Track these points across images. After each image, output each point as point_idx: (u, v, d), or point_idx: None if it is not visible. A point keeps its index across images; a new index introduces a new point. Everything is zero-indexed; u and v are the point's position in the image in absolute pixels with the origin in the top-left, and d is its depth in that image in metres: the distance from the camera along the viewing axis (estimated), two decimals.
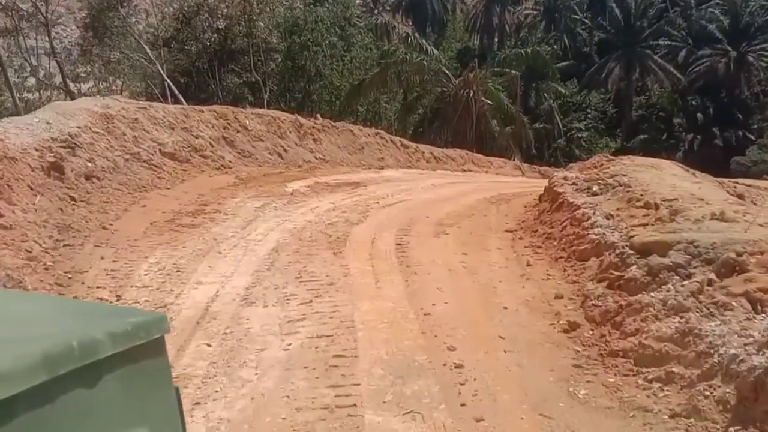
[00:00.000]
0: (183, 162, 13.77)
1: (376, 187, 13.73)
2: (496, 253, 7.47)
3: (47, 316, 1.57)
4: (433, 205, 11.78)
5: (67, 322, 1.52)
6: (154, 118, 14.08)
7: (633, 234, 6.11)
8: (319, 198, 11.98)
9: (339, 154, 17.24)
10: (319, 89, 23.34)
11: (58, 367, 1.28)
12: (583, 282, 5.77)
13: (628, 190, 7.67)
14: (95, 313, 1.71)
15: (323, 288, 5.91)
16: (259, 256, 7.22)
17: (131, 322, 1.48)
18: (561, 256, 6.70)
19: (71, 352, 1.31)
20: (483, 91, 22.18)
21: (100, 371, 1.38)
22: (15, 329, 1.43)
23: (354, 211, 10.68)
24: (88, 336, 1.37)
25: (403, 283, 6.06)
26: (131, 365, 1.46)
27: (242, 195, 11.93)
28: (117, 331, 1.43)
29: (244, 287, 6.00)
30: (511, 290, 5.85)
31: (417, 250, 7.45)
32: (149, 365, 1.52)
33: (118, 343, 1.42)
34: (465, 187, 14.84)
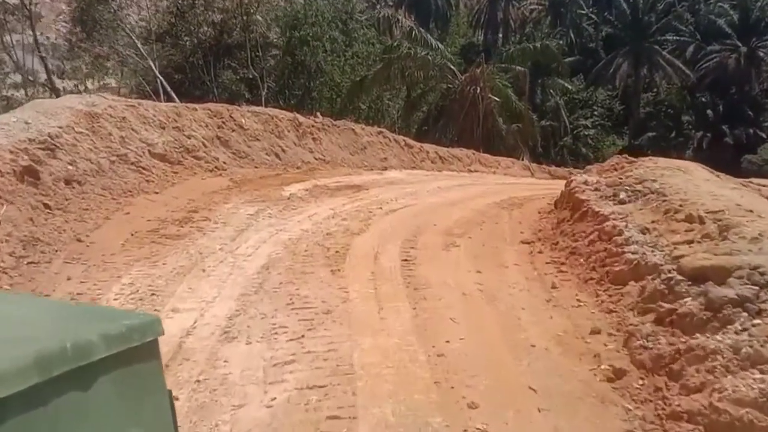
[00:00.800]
0: (174, 164, 12.91)
1: (379, 191, 12.85)
2: (514, 271, 6.59)
3: (41, 318, 1.57)
4: (441, 211, 10.90)
5: (61, 324, 1.52)
6: (144, 117, 13.22)
7: (678, 254, 5.22)
8: (318, 203, 11.11)
9: (340, 155, 16.36)
10: (319, 86, 22.38)
11: (52, 368, 1.27)
12: (623, 312, 4.89)
13: (663, 199, 6.78)
14: (89, 315, 1.70)
15: (318, 318, 5.04)
16: (247, 275, 6.35)
17: (125, 325, 1.48)
18: (591, 278, 5.82)
19: (65, 353, 1.31)
20: (490, 87, 21.24)
21: (94, 373, 1.38)
22: (8, 331, 1.42)
23: (355, 219, 9.81)
24: (82, 338, 1.37)
25: (411, 311, 5.18)
26: (125, 368, 1.46)
27: (235, 200, 11.07)
28: (111, 334, 1.42)
29: (226, 316, 5.14)
30: (537, 321, 4.97)
31: (425, 268, 6.57)
32: (143, 368, 1.52)
33: (112, 345, 1.41)
34: (473, 190, 13.95)
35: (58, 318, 1.60)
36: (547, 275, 6.27)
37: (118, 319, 1.51)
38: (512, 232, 9.29)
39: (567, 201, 9.23)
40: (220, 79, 20.18)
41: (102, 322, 1.51)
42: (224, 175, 13.42)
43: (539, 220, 10.40)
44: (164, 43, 20.12)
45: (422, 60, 20.85)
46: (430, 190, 13.47)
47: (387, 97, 23.73)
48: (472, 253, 7.55)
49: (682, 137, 39.38)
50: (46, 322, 1.54)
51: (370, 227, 9.12)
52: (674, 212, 6.25)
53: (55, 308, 1.82)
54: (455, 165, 18.22)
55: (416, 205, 11.53)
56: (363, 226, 9.14)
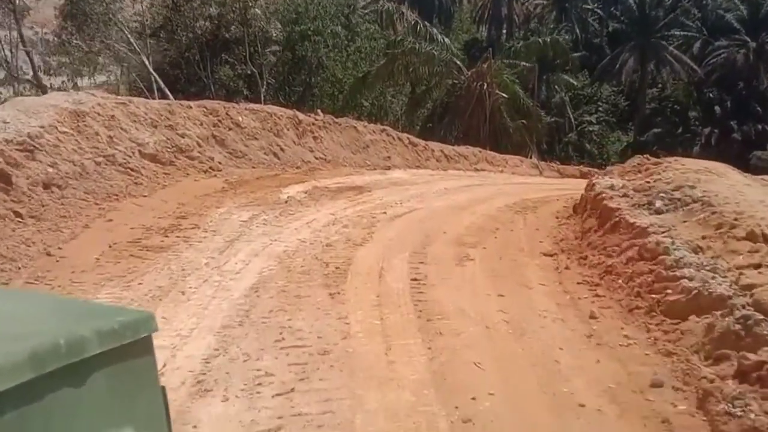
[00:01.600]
0: (166, 164, 11.96)
1: (383, 193, 11.88)
2: (541, 293, 5.62)
3: (35, 314, 1.56)
4: (450, 216, 9.94)
5: (55, 320, 1.52)
6: (135, 115, 12.26)
7: (748, 282, 4.25)
8: (318, 207, 10.16)
9: (341, 154, 15.38)
10: (320, 82, 21.32)
11: (46, 364, 1.26)
12: (687, 356, 3.92)
13: (712, 211, 5.80)
14: (83, 311, 1.69)
15: (312, 361, 4.08)
16: (233, 299, 5.39)
17: (119, 321, 1.47)
18: (637, 306, 4.84)
19: (58, 349, 1.30)
20: (497, 83, 20.21)
21: (88, 369, 1.37)
22: (2, 327, 1.41)
23: (357, 225, 8.85)
24: (76, 334, 1.36)
25: (425, 351, 4.22)
26: (118, 364, 1.44)
27: (229, 203, 10.12)
28: (104, 330, 1.41)
29: (202, 357, 4.18)
30: (580, 367, 4.00)
31: (438, 290, 5.60)
32: (136, 364, 1.50)
33: (106, 341, 1.40)
34: (482, 192, 12.98)
35: (53, 314, 1.59)
36: (582, 300, 5.30)
37: (111, 316, 1.51)
38: (530, 242, 8.32)
39: (592, 207, 8.25)
40: (217, 76, 19.08)
41: (95, 318, 1.50)
42: (219, 176, 12.46)
43: (558, 226, 9.42)
44: (159, 38, 19.03)
45: (427, 55, 19.77)
46: (436, 192, 12.49)
47: (390, 93, 22.63)
48: (489, 269, 6.58)
49: (689, 133, 38.27)
50: (40, 318, 1.54)
51: (374, 236, 8.16)
52: (729, 227, 5.28)
53: (49, 304, 1.80)
54: (461, 164, 17.23)
55: (423, 209, 10.56)
56: (366, 235, 8.18)
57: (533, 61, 25.14)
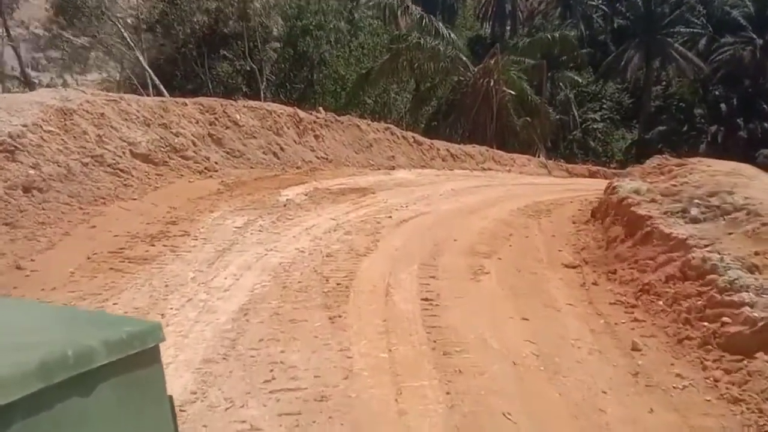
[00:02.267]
0: (158, 165, 11.24)
1: (388, 195, 11.15)
2: (570, 316, 4.88)
3: (44, 325, 1.55)
4: (459, 221, 9.21)
5: (64, 331, 1.50)
6: (126, 113, 11.53)
7: None
8: (318, 210, 9.43)
9: (344, 153, 14.63)
10: (322, 79, 20.49)
11: (54, 375, 1.26)
12: (760, 406, 3.18)
13: (762, 222, 5.04)
14: (91, 321, 1.66)
15: (307, 410, 3.35)
16: (218, 324, 4.66)
17: (126, 331, 1.46)
18: (687, 336, 4.10)
19: (67, 360, 1.29)
20: (504, 80, 19.41)
21: (96, 379, 1.36)
22: (12, 337, 1.40)
23: (361, 232, 8.12)
24: (84, 345, 1.35)
25: (443, 396, 3.48)
26: (126, 374, 1.43)
27: (224, 207, 9.39)
28: (112, 340, 1.41)
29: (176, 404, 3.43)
30: (631, 419, 3.26)
31: (453, 313, 4.87)
32: (144, 374, 1.49)
33: (114, 351, 1.39)
34: (491, 193, 12.23)
35: (61, 324, 1.58)
36: (619, 326, 4.56)
37: (119, 326, 1.50)
38: (549, 251, 7.58)
39: (616, 213, 7.50)
40: (215, 72, 18.26)
41: (103, 328, 1.49)
42: (215, 176, 11.74)
43: (576, 233, 8.69)
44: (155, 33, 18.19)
45: (432, 51, 18.93)
46: (443, 194, 11.75)
47: (394, 90, 21.78)
48: (508, 285, 5.85)
49: (694, 131, 37.45)
50: (48, 328, 1.52)
51: (379, 244, 7.43)
52: None
53: (57, 314, 1.78)
54: (467, 163, 16.48)
55: (430, 212, 9.83)
56: (370, 243, 7.45)
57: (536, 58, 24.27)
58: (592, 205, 11.05)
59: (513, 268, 6.59)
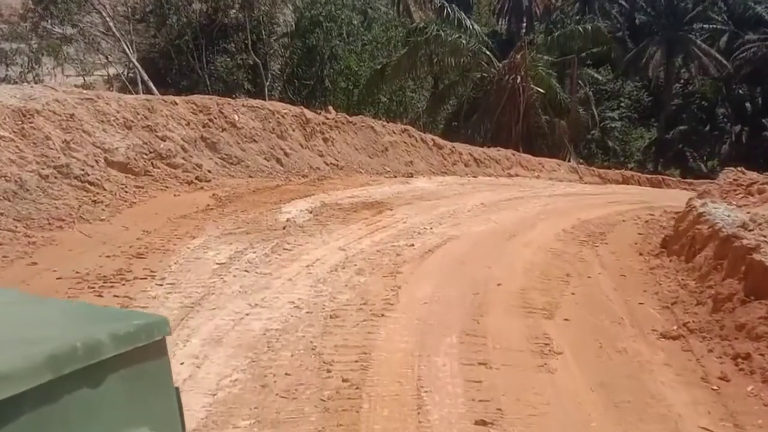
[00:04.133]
0: (139, 175, 9.30)
1: (407, 211, 9.09)
2: None
3: (53, 319, 1.55)
4: (498, 250, 7.17)
5: (72, 324, 1.50)
6: (103, 114, 9.57)
7: None
8: (324, 235, 7.42)
9: (356, 158, 12.59)
10: (333, 75, 18.40)
11: (63, 367, 1.25)
12: None
13: None
14: (99, 315, 1.65)
15: None
16: None
17: (134, 325, 1.44)
18: None
19: (75, 352, 1.28)
20: (532, 76, 17.24)
21: (104, 372, 1.35)
22: (21, 330, 1.40)
23: (377, 270, 6.12)
24: (92, 337, 1.34)
25: None
26: (133, 366, 1.42)
27: (210, 230, 7.42)
28: (120, 333, 1.39)
29: None
30: None
31: None
32: (151, 366, 1.47)
33: (121, 344, 1.38)
34: (527, 208, 10.13)
35: (69, 318, 1.57)
36: None
37: (126, 319, 1.48)
38: (626, 302, 5.51)
39: (718, 256, 5.38)
40: (214, 66, 16.16)
41: (111, 321, 1.47)
42: (207, 188, 9.76)
43: (650, 271, 6.57)
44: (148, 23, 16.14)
45: (453, 44, 16.75)
46: (472, 210, 9.66)
47: (410, 88, 19.66)
48: (596, 379, 3.80)
49: (717, 131, 35.09)
50: (57, 322, 1.51)
51: (402, 293, 5.40)
52: None
53: (66, 308, 1.77)
54: (492, 169, 14.37)
55: (459, 237, 7.78)
56: (390, 291, 5.43)
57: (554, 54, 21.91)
58: (650, 227, 9.03)
59: (591, 340, 4.54)
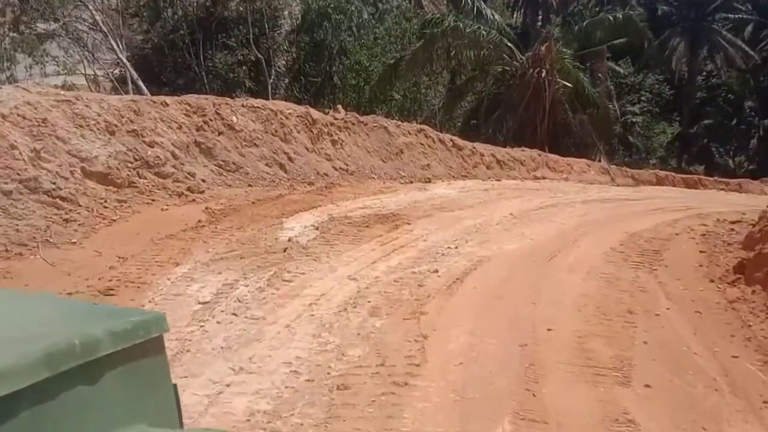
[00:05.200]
0: (122, 187, 8.18)
1: (427, 225, 7.88)
2: None
3: (51, 316, 1.53)
4: (540, 277, 5.95)
5: (70, 321, 1.49)
6: (82, 118, 8.43)
7: None
8: (332, 259, 6.25)
9: (368, 162, 11.38)
10: (342, 71, 17.14)
11: (60, 364, 1.24)
12: None
13: None
14: (97, 312, 1.65)
15: None
16: None
17: (131, 321, 1.44)
18: None
19: (73, 349, 1.28)
20: (558, 69, 15.92)
21: (101, 368, 1.34)
22: (20, 328, 1.39)
23: (395, 309, 4.94)
24: (90, 334, 1.34)
25: None
26: (131, 363, 1.41)
27: (198, 255, 6.28)
28: (117, 330, 1.39)
29: None
30: None
31: None
32: (148, 363, 1.47)
33: (119, 341, 1.37)
34: (563, 218, 8.86)
35: (66, 315, 1.56)
36: None
37: (123, 316, 1.47)
38: (714, 356, 4.27)
39: None
40: (212, 63, 14.90)
41: (108, 319, 1.46)
42: (200, 200, 8.62)
43: (729, 306, 5.31)
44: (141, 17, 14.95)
45: (472, 36, 15.44)
46: (501, 222, 8.42)
47: (425, 84, 18.37)
48: None
49: (744, 125, 33.40)
50: (54, 319, 1.50)
51: (429, 349, 4.21)
52: None
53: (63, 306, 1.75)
54: (517, 171, 13.11)
55: (491, 258, 6.56)
56: (413, 347, 4.24)
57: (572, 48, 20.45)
58: (711, 242, 7.71)
59: (687, 420, 3.32)
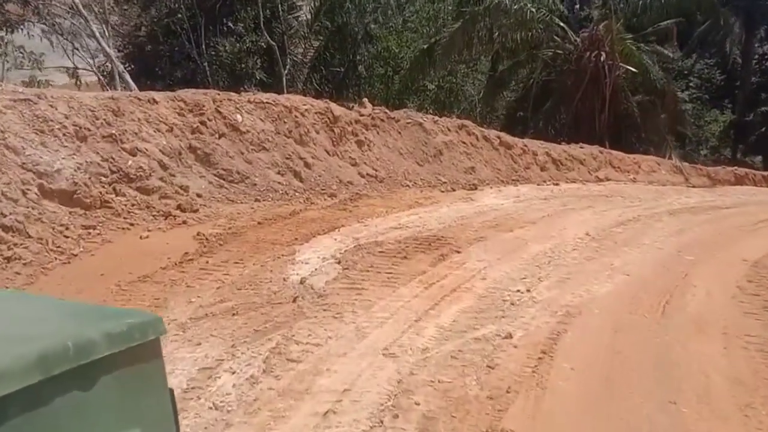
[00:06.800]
0: (92, 208, 6.47)
1: (483, 254, 5.98)
2: None
3: (44, 317, 1.49)
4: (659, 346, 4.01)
5: (64, 323, 1.45)
6: (44, 121, 6.72)
7: None
8: (359, 317, 4.42)
9: (401, 166, 9.48)
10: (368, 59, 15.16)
11: (54, 367, 1.21)
12: None
13: None
14: (92, 314, 1.59)
15: None
16: None
17: (127, 323, 1.40)
18: None
19: (67, 352, 1.25)
20: (620, 51, 13.76)
21: (96, 372, 1.31)
22: (12, 329, 1.36)
23: (458, 425, 3.03)
24: (84, 336, 1.31)
25: None
26: (127, 366, 1.39)
27: (175, 309, 4.55)
28: (113, 332, 1.35)
29: None
30: None
31: None
32: (144, 366, 1.44)
33: (114, 344, 1.34)
34: (655, 238, 6.85)
35: (61, 317, 1.51)
36: None
37: (119, 318, 1.43)
38: None
39: None
40: (215, 52, 13.00)
41: (104, 320, 1.42)
42: (193, 221, 6.85)
43: None
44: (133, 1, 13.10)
45: (519, 14, 13.32)
46: (577, 246, 6.46)
47: (461, 71, 16.27)
48: None
49: None
50: (49, 320, 1.46)
51: None
52: None
53: (57, 307, 1.69)
54: (576, 172, 11.08)
55: (581, 312, 4.67)
56: None
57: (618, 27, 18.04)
58: None
59: None
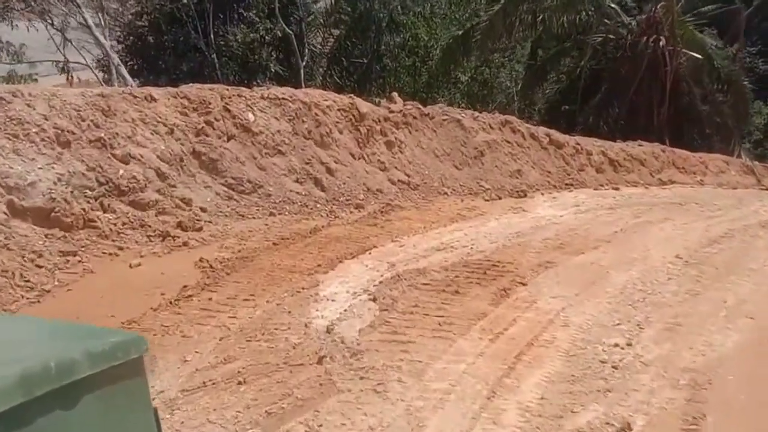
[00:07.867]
0: (72, 229, 5.38)
1: (555, 288, 4.71)
2: None
3: (26, 337, 1.47)
4: None
5: (45, 343, 1.44)
6: (18, 124, 5.65)
7: None
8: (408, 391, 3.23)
9: (437, 170, 8.21)
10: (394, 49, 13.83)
11: (36, 388, 1.20)
12: None
13: None
14: (74, 333, 1.58)
15: None
16: None
17: (110, 343, 1.38)
18: None
19: (49, 372, 1.23)
20: (681, 36, 12.31)
21: (78, 391, 1.30)
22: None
23: None
24: (66, 356, 1.29)
25: None
26: (110, 385, 1.37)
27: (163, 376, 3.29)
28: (95, 352, 1.33)
29: None
30: None
31: None
32: (128, 385, 1.43)
33: (96, 363, 1.32)
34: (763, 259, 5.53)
35: (43, 337, 1.50)
36: None
37: (102, 337, 1.40)
38: None
39: None
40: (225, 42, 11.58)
41: (86, 340, 1.40)
42: (195, 242, 5.69)
43: None
44: None
45: None
46: (672, 275, 5.20)
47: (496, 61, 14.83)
48: None
49: None
50: (30, 341, 1.44)
51: None
52: None
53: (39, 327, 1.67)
54: (636, 174, 9.72)
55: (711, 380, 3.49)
56: None
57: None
58: None
59: None
